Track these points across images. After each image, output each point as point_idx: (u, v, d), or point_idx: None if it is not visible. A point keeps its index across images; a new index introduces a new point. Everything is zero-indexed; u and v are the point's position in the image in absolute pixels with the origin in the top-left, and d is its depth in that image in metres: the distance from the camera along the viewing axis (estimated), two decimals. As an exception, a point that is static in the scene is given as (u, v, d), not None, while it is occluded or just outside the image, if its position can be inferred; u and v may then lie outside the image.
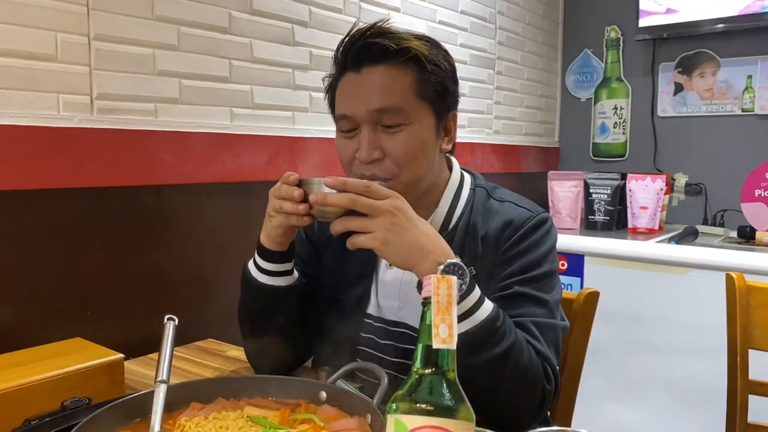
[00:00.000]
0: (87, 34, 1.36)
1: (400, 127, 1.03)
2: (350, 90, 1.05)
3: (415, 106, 1.03)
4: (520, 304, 1.03)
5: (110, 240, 1.43)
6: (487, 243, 1.08)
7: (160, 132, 1.50)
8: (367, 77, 1.03)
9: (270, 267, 1.09)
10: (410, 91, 1.03)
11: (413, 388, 0.60)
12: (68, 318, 1.35)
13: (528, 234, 1.07)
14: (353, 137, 1.05)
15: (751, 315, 1.34)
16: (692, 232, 2.57)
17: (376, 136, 1.03)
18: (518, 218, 1.09)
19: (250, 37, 1.70)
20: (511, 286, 1.04)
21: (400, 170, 1.04)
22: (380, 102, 1.01)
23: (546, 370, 0.98)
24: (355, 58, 1.03)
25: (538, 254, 1.07)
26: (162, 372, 0.88)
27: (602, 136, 3.21)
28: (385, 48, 1.01)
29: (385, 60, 1.02)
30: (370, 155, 1.02)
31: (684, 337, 2.13)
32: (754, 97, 2.75)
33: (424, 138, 1.05)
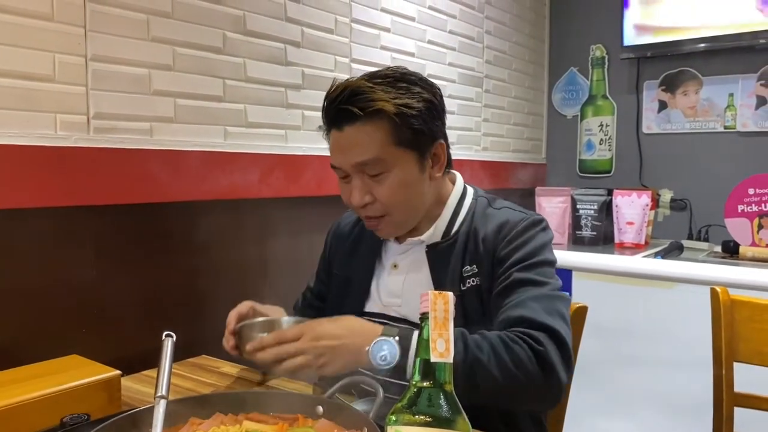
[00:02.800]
0: (84, 54, 1.38)
1: (383, 174, 1.12)
2: (336, 145, 1.14)
3: (393, 154, 1.11)
4: (519, 289, 1.08)
5: (106, 257, 1.45)
6: (486, 243, 1.16)
7: (155, 150, 1.52)
8: (347, 134, 1.11)
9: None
10: (386, 142, 1.10)
11: (412, 400, 0.62)
12: (64, 335, 1.36)
13: (523, 231, 1.15)
14: (348, 182, 1.16)
15: (736, 328, 1.37)
16: (677, 247, 2.61)
17: (364, 182, 1.13)
18: (513, 219, 1.17)
19: (244, 57, 1.73)
20: (510, 275, 1.11)
21: (390, 210, 1.15)
22: (359, 156, 1.11)
23: (531, 335, 0.99)
24: (334, 118, 1.13)
25: (534, 246, 1.14)
26: (161, 387, 0.89)
27: (588, 153, 3.26)
28: (347, 110, 1.09)
29: (359, 119, 1.09)
30: (361, 200, 1.13)
31: (670, 351, 2.15)
32: (736, 114, 2.81)
33: (408, 179, 1.14)
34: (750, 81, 2.77)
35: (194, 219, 1.64)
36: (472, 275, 1.16)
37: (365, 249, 1.29)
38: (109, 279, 1.45)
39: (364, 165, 1.11)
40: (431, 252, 1.20)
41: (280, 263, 1.87)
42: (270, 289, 1.84)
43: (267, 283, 1.84)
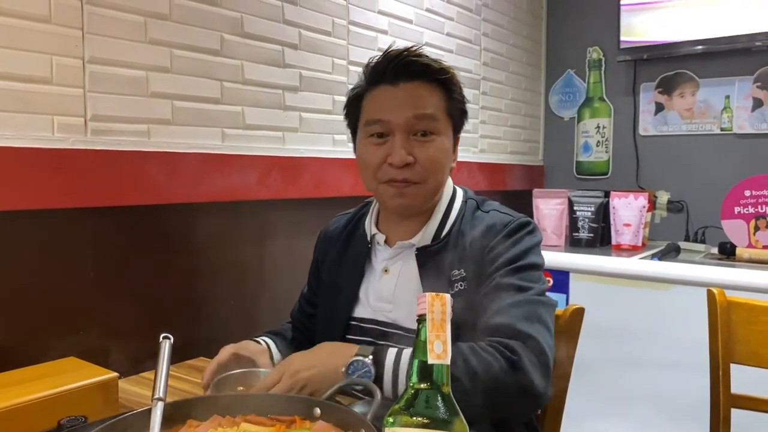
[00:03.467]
0: (82, 57, 1.38)
1: (432, 136, 1.13)
2: (387, 99, 1.14)
3: (443, 120, 1.15)
4: (501, 294, 1.06)
5: (103, 259, 1.45)
6: (473, 246, 1.15)
7: (153, 153, 1.52)
8: (403, 89, 1.13)
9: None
10: (440, 106, 1.15)
11: (410, 402, 0.62)
12: (61, 337, 1.36)
13: (509, 234, 1.14)
14: (383, 143, 1.14)
15: (733, 330, 1.38)
16: (674, 249, 2.61)
17: (408, 142, 1.12)
18: (499, 221, 1.17)
19: (242, 59, 1.73)
20: (494, 279, 1.10)
21: (427, 176, 1.14)
22: (420, 109, 1.12)
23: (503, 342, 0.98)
24: (393, 73, 1.13)
25: (521, 249, 1.12)
26: (159, 390, 0.89)
27: (585, 155, 3.26)
28: (425, 66, 1.13)
29: (420, 78, 1.13)
30: (404, 159, 1.11)
31: (667, 352, 2.16)
32: (732, 116, 2.82)
33: (447, 150, 1.17)
34: (746, 83, 2.78)
35: (192, 221, 1.64)
36: (459, 279, 1.15)
37: (354, 253, 1.28)
38: (106, 281, 1.45)
39: (420, 119, 1.12)
40: (421, 255, 1.19)
41: (278, 265, 1.87)
42: (267, 291, 1.84)
43: (264, 285, 1.84)
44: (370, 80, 1.17)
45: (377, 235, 1.24)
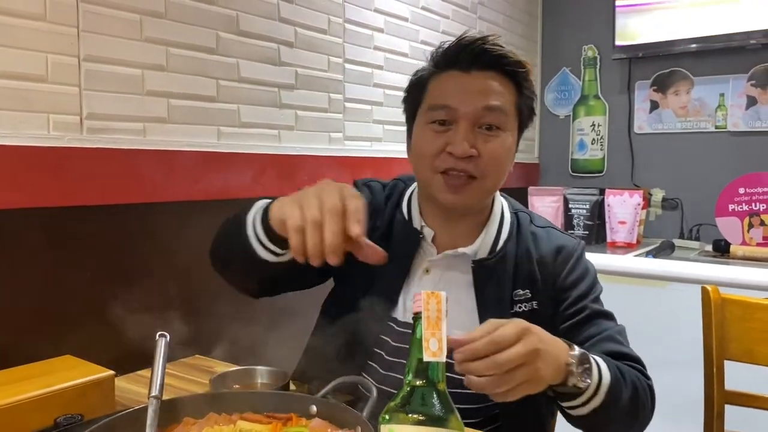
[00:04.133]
0: (77, 55, 1.38)
1: (498, 131, 1.07)
2: (457, 85, 1.07)
3: (512, 115, 1.09)
4: (599, 322, 1.10)
5: (99, 257, 1.45)
6: (543, 268, 1.13)
7: (149, 151, 1.52)
8: (476, 78, 1.06)
9: (270, 246, 0.95)
10: (511, 101, 1.08)
11: (405, 399, 0.62)
12: (57, 336, 1.36)
13: (580, 258, 1.15)
14: (444, 131, 1.06)
15: (727, 327, 1.39)
16: (669, 246, 2.63)
17: (473, 133, 1.05)
18: (569, 244, 1.15)
19: (237, 57, 1.73)
20: (585, 307, 1.10)
21: (488, 172, 1.07)
22: (491, 100, 1.05)
23: (642, 371, 1.06)
24: (467, 59, 1.07)
25: (593, 276, 1.16)
26: (155, 387, 0.89)
27: (580, 153, 3.27)
28: (502, 56, 1.07)
29: (494, 68, 1.07)
30: (467, 150, 1.04)
31: (662, 349, 2.16)
32: (727, 114, 2.83)
33: (511, 148, 1.10)
34: (741, 81, 2.79)
35: (188, 219, 1.63)
36: (524, 300, 1.11)
37: (401, 244, 1.15)
38: (102, 279, 1.45)
39: (490, 111, 1.05)
40: (478, 269, 1.11)
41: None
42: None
43: (260, 283, 1.84)
44: (439, 64, 1.10)
45: (426, 230, 1.15)
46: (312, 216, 0.76)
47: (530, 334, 0.84)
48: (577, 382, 0.90)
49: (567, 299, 1.11)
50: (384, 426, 0.61)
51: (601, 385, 0.93)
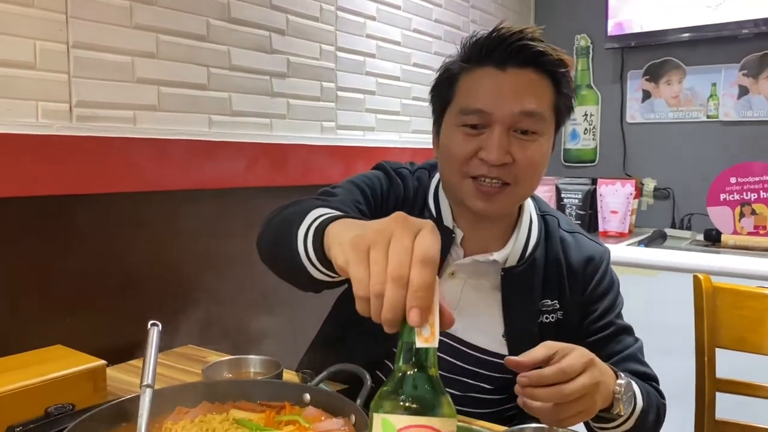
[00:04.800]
0: (66, 41, 1.36)
1: (534, 136, 0.99)
2: (491, 86, 0.98)
3: (549, 118, 1.01)
4: (622, 338, 1.10)
5: (89, 247, 1.43)
6: (572, 278, 1.10)
7: (139, 139, 1.50)
8: (512, 77, 0.98)
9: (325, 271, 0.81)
10: (549, 102, 1.00)
11: (398, 386, 0.61)
12: (48, 325, 1.35)
13: (607, 269, 1.14)
14: (477, 135, 0.99)
15: (718, 315, 1.39)
16: (661, 236, 2.64)
17: (508, 140, 0.98)
18: (597, 254, 1.13)
19: (228, 45, 1.71)
20: (611, 324, 1.10)
21: (523, 179, 1.00)
22: (529, 105, 0.97)
23: (659, 391, 1.08)
24: (503, 55, 0.98)
25: (617, 288, 1.15)
26: (147, 376, 0.89)
27: (573, 142, 3.27)
28: (541, 53, 0.98)
29: (532, 65, 0.98)
30: (501, 158, 0.97)
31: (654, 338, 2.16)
32: (719, 104, 2.84)
33: (547, 153, 1.03)
34: (732, 70, 2.79)
35: (179, 208, 1.62)
36: (552, 310, 1.09)
37: None
38: (93, 268, 1.44)
39: (527, 116, 0.97)
40: (507, 277, 1.07)
41: (266, 253, 1.86)
42: (256, 279, 1.83)
43: (253, 272, 1.83)
44: (471, 58, 1.02)
45: (456, 231, 1.09)
46: (376, 288, 0.59)
47: (594, 367, 0.84)
48: (621, 410, 0.90)
49: (594, 312, 1.10)
50: (376, 415, 0.60)
51: (635, 411, 0.95)
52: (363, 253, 0.59)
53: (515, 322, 1.06)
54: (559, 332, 1.06)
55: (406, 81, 2.39)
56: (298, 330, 1.37)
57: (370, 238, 0.59)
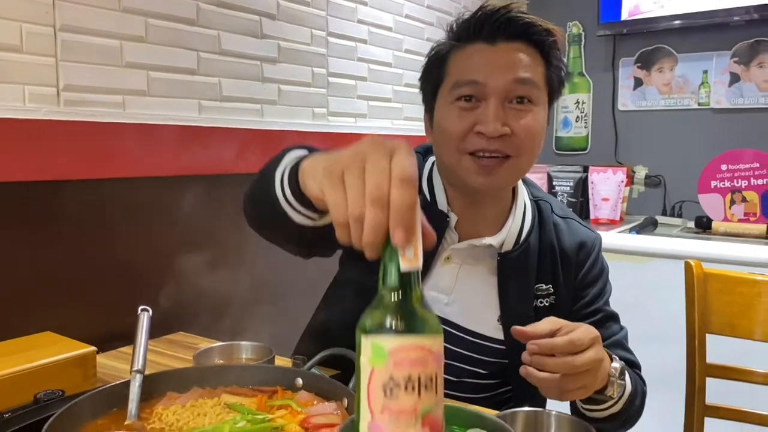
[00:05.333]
0: (53, 24, 1.34)
1: (530, 105, 1.00)
2: (483, 58, 0.99)
3: (542, 88, 1.02)
4: (609, 325, 1.11)
5: (78, 233, 1.42)
6: (565, 263, 1.11)
7: (128, 124, 1.48)
8: (503, 50, 0.99)
9: (302, 211, 0.79)
10: (541, 72, 1.01)
11: (383, 309, 0.58)
12: (36, 312, 1.34)
13: (598, 255, 1.15)
14: (472, 109, 0.99)
15: (709, 301, 1.40)
16: (652, 223, 2.64)
17: (503, 111, 0.98)
18: (589, 240, 1.14)
19: (218, 30, 1.69)
20: (599, 310, 1.11)
21: (523, 150, 1.00)
22: (521, 72, 0.98)
23: (642, 378, 1.09)
24: (492, 30, 0.99)
25: (607, 274, 1.16)
26: (137, 362, 0.88)
27: (565, 130, 3.27)
28: (529, 25, 0.99)
29: (521, 38, 0.99)
30: (498, 129, 0.96)
31: (645, 324, 2.17)
32: (710, 91, 2.84)
33: (543, 123, 1.03)
34: (724, 58, 2.79)
35: (170, 194, 1.61)
36: (546, 294, 1.10)
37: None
38: (82, 255, 1.43)
39: (521, 84, 0.98)
40: (503, 261, 1.08)
41: (257, 238, 1.85)
42: (247, 265, 1.82)
43: (244, 258, 1.82)
44: (461, 36, 1.02)
45: (451, 215, 1.08)
46: (356, 212, 0.57)
47: (599, 344, 0.86)
48: (613, 393, 0.91)
49: (584, 297, 1.11)
50: (365, 339, 0.58)
51: (624, 395, 0.96)
52: (338, 178, 0.58)
53: (511, 306, 1.06)
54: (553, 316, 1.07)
55: (398, 67, 2.38)
56: (290, 317, 1.37)
57: (343, 163, 0.57)
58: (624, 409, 0.98)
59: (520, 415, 0.83)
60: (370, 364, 0.55)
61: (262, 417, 0.81)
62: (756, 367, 1.36)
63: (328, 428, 0.77)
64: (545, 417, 0.83)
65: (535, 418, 0.83)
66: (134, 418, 0.82)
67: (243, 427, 0.78)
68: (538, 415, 0.84)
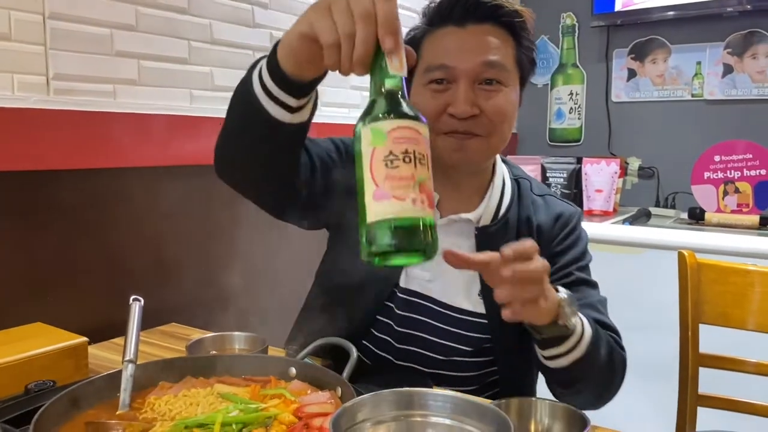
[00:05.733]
0: (42, 12, 1.32)
1: (499, 86, 1.03)
2: (453, 42, 1.03)
3: (512, 69, 1.05)
4: (582, 289, 1.12)
5: (69, 224, 1.41)
6: (542, 234, 1.13)
7: (119, 114, 1.47)
8: (472, 33, 1.03)
9: (280, 96, 0.83)
10: (511, 54, 1.05)
11: (377, 107, 0.66)
12: (27, 303, 1.33)
13: (576, 227, 1.16)
14: (443, 91, 1.03)
15: (702, 291, 1.40)
16: (645, 214, 2.64)
17: (473, 91, 1.02)
18: (566, 212, 1.17)
19: (210, 18, 1.68)
20: (571, 273, 1.12)
21: (493, 129, 1.04)
22: (490, 55, 1.02)
23: (618, 341, 1.08)
24: (461, 13, 1.03)
25: (584, 245, 1.17)
26: (129, 351, 0.88)
27: (558, 122, 3.27)
28: (497, 7, 1.03)
29: (490, 20, 1.03)
30: (468, 110, 1.01)
31: (639, 315, 2.18)
32: (703, 83, 2.84)
33: (514, 103, 1.07)
34: (717, 49, 2.79)
35: (160, 184, 1.60)
36: None
37: None
38: (73, 245, 1.41)
39: (490, 66, 1.02)
40: (482, 235, 1.11)
41: (249, 228, 1.84)
42: (238, 256, 1.82)
43: (235, 249, 1.81)
44: (433, 20, 1.07)
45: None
46: (347, 29, 0.67)
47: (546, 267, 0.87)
48: (567, 321, 0.90)
49: (556, 264, 1.12)
50: (363, 129, 0.65)
51: (584, 337, 0.95)
52: (325, 9, 0.69)
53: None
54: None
55: (392, 58, 2.37)
56: (284, 307, 1.36)
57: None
58: (589, 354, 0.95)
59: (514, 403, 0.83)
60: (371, 145, 0.64)
61: (255, 406, 0.80)
62: (748, 357, 1.36)
63: (321, 417, 0.77)
64: (539, 405, 0.83)
65: (530, 406, 0.83)
66: (126, 407, 0.81)
67: (236, 416, 0.77)
68: (533, 404, 0.83)
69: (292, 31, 0.76)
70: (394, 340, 1.14)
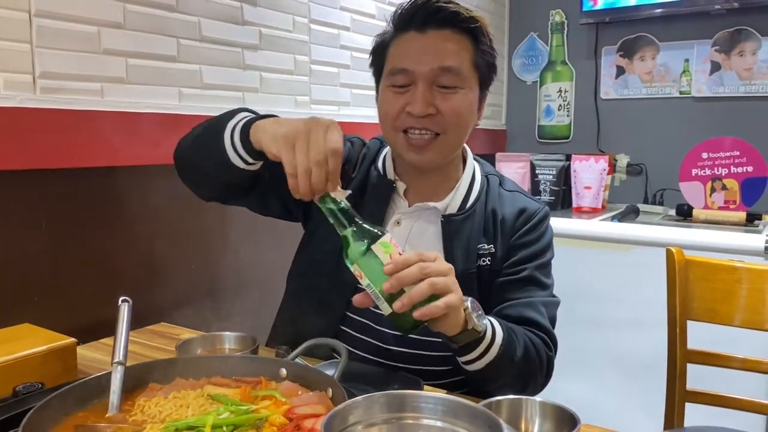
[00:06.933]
0: (27, 10, 1.31)
1: (455, 89, 1.10)
2: (413, 47, 1.10)
3: (469, 72, 1.11)
4: (530, 287, 1.15)
5: (56, 223, 1.39)
6: (504, 226, 1.18)
7: (107, 112, 1.46)
8: (432, 38, 1.09)
9: (246, 157, 1.01)
10: (468, 58, 1.11)
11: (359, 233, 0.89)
12: (15, 304, 1.31)
13: (538, 224, 1.19)
14: (404, 92, 1.10)
15: (690, 287, 1.41)
16: (633, 211, 2.66)
17: (431, 93, 1.09)
18: (530, 207, 1.20)
19: (198, 16, 1.67)
20: (523, 270, 1.15)
21: (448, 128, 1.10)
22: (445, 61, 1.08)
23: (546, 341, 1.12)
24: (421, 19, 1.10)
25: (544, 243, 1.20)
26: (118, 353, 0.87)
27: (547, 119, 3.28)
28: (455, 13, 1.09)
29: (449, 26, 1.09)
30: (425, 110, 1.08)
31: (627, 311, 2.21)
32: (691, 80, 2.86)
33: (470, 105, 1.13)
34: (705, 47, 2.81)
35: (149, 183, 1.59)
36: (488, 254, 1.16)
37: (374, 195, 1.20)
38: (61, 245, 1.40)
39: (446, 71, 1.08)
40: (447, 223, 1.17)
41: (240, 228, 1.84)
42: (229, 255, 1.81)
43: (227, 248, 1.81)
44: (398, 26, 1.14)
45: (398, 183, 1.20)
46: (303, 166, 0.88)
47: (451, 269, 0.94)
48: (476, 325, 0.95)
49: (513, 257, 1.17)
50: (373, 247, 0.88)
51: (495, 339, 1.00)
52: (291, 144, 0.89)
53: (455, 265, 1.06)
54: (489, 274, 1.17)
55: (381, 55, 2.36)
56: (274, 307, 1.36)
57: (295, 134, 0.90)
58: (503, 355, 1.00)
59: (505, 403, 0.83)
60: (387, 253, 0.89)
61: (246, 408, 0.80)
62: (735, 353, 1.38)
63: (312, 418, 0.77)
64: (530, 405, 0.83)
65: (520, 405, 0.84)
66: (116, 410, 0.81)
67: (227, 418, 0.77)
68: (523, 403, 0.84)
69: (268, 132, 0.94)
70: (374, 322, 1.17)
